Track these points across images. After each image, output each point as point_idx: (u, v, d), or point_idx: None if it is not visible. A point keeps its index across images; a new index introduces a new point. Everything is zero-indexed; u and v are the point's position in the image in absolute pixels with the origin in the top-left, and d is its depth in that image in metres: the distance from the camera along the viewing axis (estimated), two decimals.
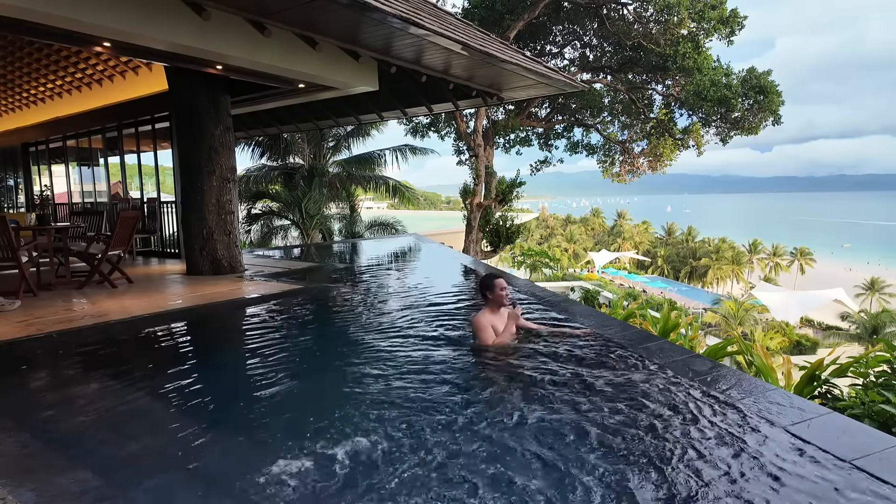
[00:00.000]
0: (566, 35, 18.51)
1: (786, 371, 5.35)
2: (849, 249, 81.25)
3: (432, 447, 2.44)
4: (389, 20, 4.79)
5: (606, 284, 35.66)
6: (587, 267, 51.86)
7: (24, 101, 10.56)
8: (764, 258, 54.88)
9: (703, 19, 15.45)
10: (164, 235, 9.61)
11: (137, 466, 2.34)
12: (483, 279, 4.25)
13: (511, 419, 2.73)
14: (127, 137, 9.77)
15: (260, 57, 5.51)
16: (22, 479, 2.14)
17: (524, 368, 3.55)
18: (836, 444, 2.43)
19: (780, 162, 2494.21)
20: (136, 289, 6.39)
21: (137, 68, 8.19)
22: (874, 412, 3.85)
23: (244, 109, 8.95)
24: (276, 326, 4.85)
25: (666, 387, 3.16)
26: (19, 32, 5.11)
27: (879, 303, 40.39)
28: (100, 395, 3.15)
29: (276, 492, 2.09)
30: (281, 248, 13.61)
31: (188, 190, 7.21)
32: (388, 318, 4.97)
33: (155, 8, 4.69)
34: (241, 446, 2.56)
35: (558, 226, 70.25)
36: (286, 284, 6.58)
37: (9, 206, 13.19)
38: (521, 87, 7.80)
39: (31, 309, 5.21)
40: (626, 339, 4.11)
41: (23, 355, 3.92)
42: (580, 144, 20.18)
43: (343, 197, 17.15)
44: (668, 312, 8.83)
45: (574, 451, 2.40)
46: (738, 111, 15.92)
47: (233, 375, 3.69)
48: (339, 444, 2.47)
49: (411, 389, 3.18)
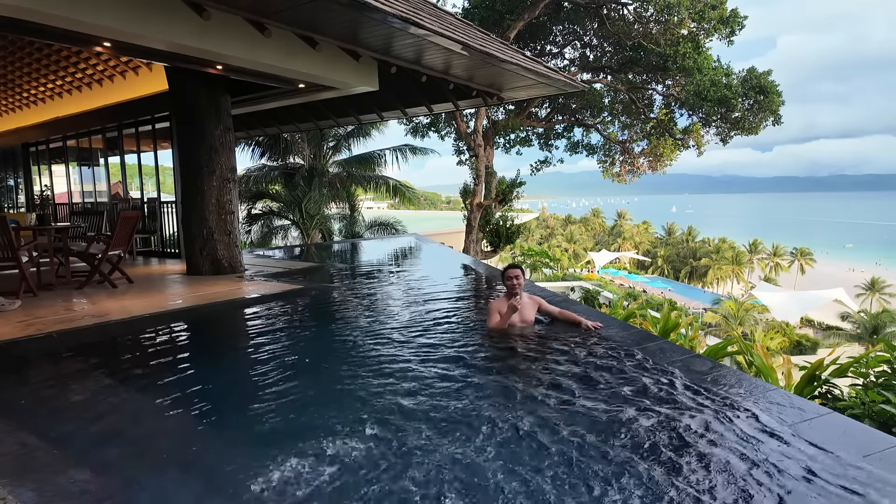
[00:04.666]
0: (566, 35, 18.51)
1: (786, 371, 5.36)
2: (851, 250, 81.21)
3: (432, 446, 2.44)
4: (389, 20, 4.79)
5: (606, 284, 35.65)
6: (587, 267, 51.85)
7: (25, 101, 10.56)
8: (764, 258, 54.85)
9: (703, 19, 15.45)
10: (164, 235, 9.61)
11: (137, 466, 2.34)
12: (503, 269, 4.62)
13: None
14: (127, 137, 9.78)
15: (260, 57, 5.51)
16: (22, 479, 2.14)
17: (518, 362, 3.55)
18: (836, 444, 2.43)
19: (781, 162, 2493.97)
20: (136, 289, 6.39)
21: (137, 68, 8.19)
22: (874, 412, 3.85)
23: (244, 109, 8.95)
24: (276, 326, 4.85)
25: (666, 386, 3.16)
26: (19, 32, 5.12)
27: (879, 303, 40.38)
28: (100, 395, 3.14)
29: (276, 492, 2.09)
30: (281, 248, 13.61)
31: (188, 190, 7.21)
32: (389, 318, 4.98)
33: (155, 8, 4.69)
34: (240, 446, 2.56)
35: (558, 226, 70.21)
36: (286, 284, 6.58)
37: (9, 206, 13.19)
38: (521, 87, 7.80)
39: (32, 309, 5.21)
40: (626, 339, 4.11)
41: (23, 355, 3.92)
42: (580, 144, 20.17)
43: (343, 197, 17.13)
44: (669, 312, 8.83)
45: (563, 448, 2.40)
46: (739, 111, 15.90)
47: (233, 375, 3.69)
48: (339, 443, 2.47)
49: (411, 388, 3.18)
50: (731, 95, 15.29)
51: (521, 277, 4.43)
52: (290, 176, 16.32)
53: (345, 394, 3.17)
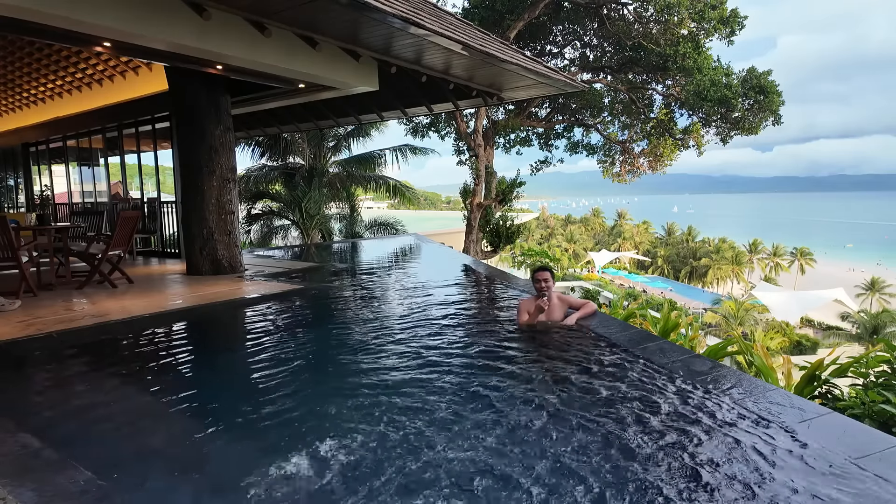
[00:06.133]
0: (566, 35, 18.50)
1: (786, 371, 5.35)
2: (851, 250, 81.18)
3: (432, 445, 2.44)
4: (389, 20, 4.79)
5: (606, 284, 35.68)
6: (587, 267, 51.87)
7: (25, 101, 10.57)
8: (764, 258, 54.84)
9: (703, 19, 15.44)
10: (164, 235, 9.61)
11: (137, 466, 2.34)
12: (533, 270, 4.93)
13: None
14: (127, 137, 9.78)
15: (260, 57, 5.51)
16: (22, 479, 2.14)
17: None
18: (836, 444, 2.43)
19: (781, 162, 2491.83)
20: (136, 289, 6.40)
21: (137, 68, 8.19)
22: (874, 412, 3.85)
23: (244, 109, 8.95)
24: (276, 326, 4.85)
25: (665, 385, 3.16)
26: (19, 32, 5.12)
27: (879, 303, 40.37)
28: (100, 395, 3.14)
29: (276, 492, 2.09)
30: (281, 248, 13.61)
31: (188, 190, 7.21)
32: (389, 318, 4.98)
33: (155, 8, 4.69)
34: (240, 446, 2.56)
35: (558, 226, 70.16)
36: (286, 284, 6.58)
37: (9, 206, 13.20)
38: (521, 87, 7.80)
39: (32, 309, 5.21)
40: (626, 340, 4.11)
41: (23, 355, 3.92)
42: (580, 144, 20.15)
43: (343, 197, 17.13)
44: (669, 312, 8.83)
45: (560, 445, 2.40)
46: (739, 111, 15.90)
47: (232, 375, 3.69)
48: (338, 443, 2.47)
49: (411, 388, 3.18)
50: (731, 95, 15.28)
51: (549, 280, 4.64)
52: (290, 176, 16.31)
53: (345, 393, 3.17)
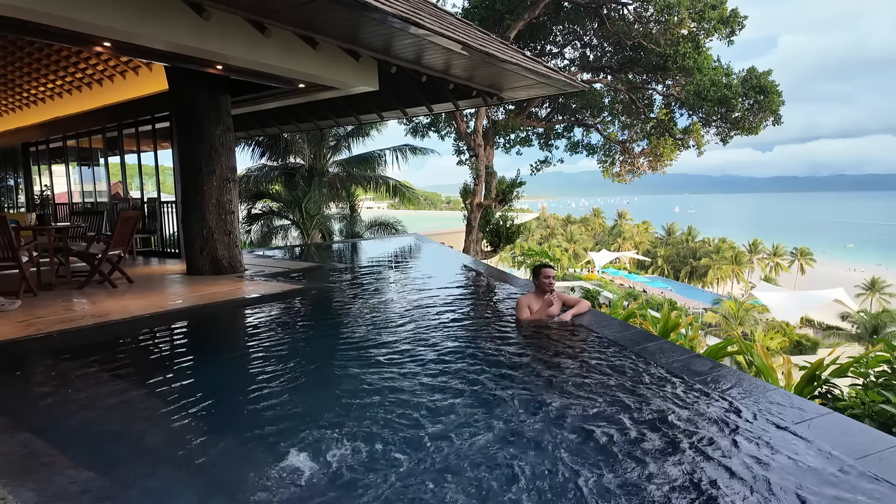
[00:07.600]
0: (566, 35, 18.49)
1: (786, 371, 5.35)
2: (851, 250, 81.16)
3: (432, 444, 2.44)
4: (389, 20, 4.79)
5: (606, 284, 35.68)
6: (587, 267, 51.85)
7: (24, 101, 10.56)
8: (764, 258, 54.83)
9: (703, 19, 15.44)
10: (164, 235, 9.61)
11: (137, 466, 2.34)
12: (534, 268, 5.01)
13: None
14: (127, 137, 9.77)
15: (260, 57, 5.50)
16: (22, 479, 2.14)
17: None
18: (836, 444, 2.43)
19: (781, 162, 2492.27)
20: (136, 289, 6.39)
21: (137, 68, 8.19)
22: (874, 412, 3.85)
23: (244, 109, 8.95)
24: (276, 326, 4.85)
25: (664, 385, 3.16)
26: (19, 32, 5.12)
27: (879, 303, 40.37)
28: (100, 395, 3.14)
29: (276, 492, 2.09)
30: (281, 248, 13.61)
31: (188, 190, 7.21)
32: (389, 317, 4.98)
33: (155, 8, 4.69)
34: (240, 446, 2.56)
35: (558, 226, 70.12)
36: (286, 284, 6.58)
37: (9, 205, 13.20)
38: (521, 87, 7.80)
39: (32, 309, 5.21)
40: (626, 339, 4.11)
41: (23, 355, 3.92)
42: (580, 144, 20.15)
43: (343, 197, 17.13)
44: (669, 312, 8.82)
45: (559, 443, 2.40)
46: (739, 111, 15.90)
47: (232, 375, 3.68)
48: (338, 443, 2.47)
49: (411, 386, 3.18)
50: (731, 95, 15.28)
51: (554, 277, 4.85)
52: (290, 176, 16.32)
53: (345, 393, 3.17)
